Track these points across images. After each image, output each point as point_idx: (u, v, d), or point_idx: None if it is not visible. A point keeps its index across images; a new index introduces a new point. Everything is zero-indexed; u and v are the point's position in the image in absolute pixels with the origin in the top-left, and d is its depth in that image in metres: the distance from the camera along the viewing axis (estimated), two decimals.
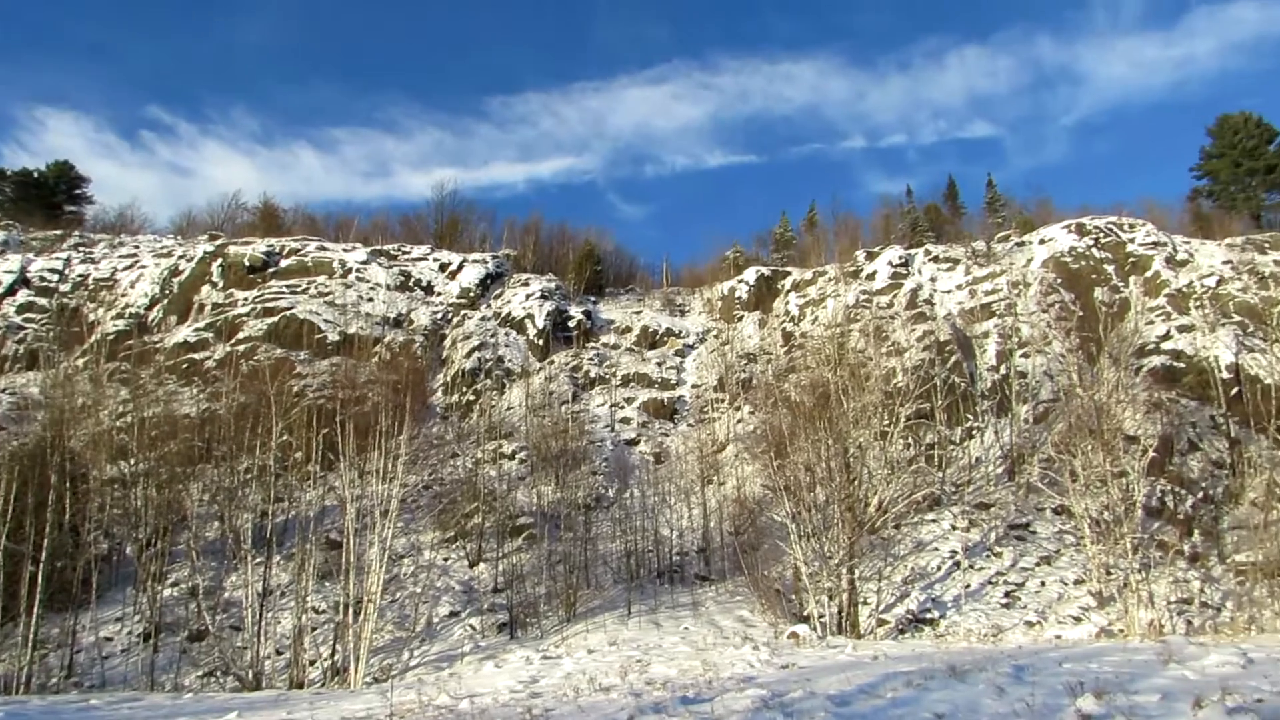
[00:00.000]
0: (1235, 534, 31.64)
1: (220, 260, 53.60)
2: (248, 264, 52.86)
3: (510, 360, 48.15)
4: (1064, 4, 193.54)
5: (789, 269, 56.65)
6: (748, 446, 39.44)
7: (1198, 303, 41.68)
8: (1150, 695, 9.11)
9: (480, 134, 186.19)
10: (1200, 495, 33.12)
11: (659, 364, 49.32)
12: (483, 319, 51.02)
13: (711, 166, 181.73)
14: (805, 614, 25.02)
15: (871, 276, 50.41)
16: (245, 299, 50.14)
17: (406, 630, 26.56)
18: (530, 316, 50.62)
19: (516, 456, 40.54)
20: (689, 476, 38.37)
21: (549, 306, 51.36)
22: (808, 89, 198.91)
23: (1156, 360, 38.76)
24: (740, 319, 53.26)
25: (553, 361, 48.72)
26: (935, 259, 50.79)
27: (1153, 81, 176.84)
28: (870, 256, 52.73)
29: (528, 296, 52.11)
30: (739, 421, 43.85)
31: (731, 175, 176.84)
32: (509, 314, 51.11)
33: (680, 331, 52.71)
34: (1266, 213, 56.57)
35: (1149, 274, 45.04)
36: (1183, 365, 38.31)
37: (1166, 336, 40.08)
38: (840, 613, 24.31)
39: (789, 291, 52.92)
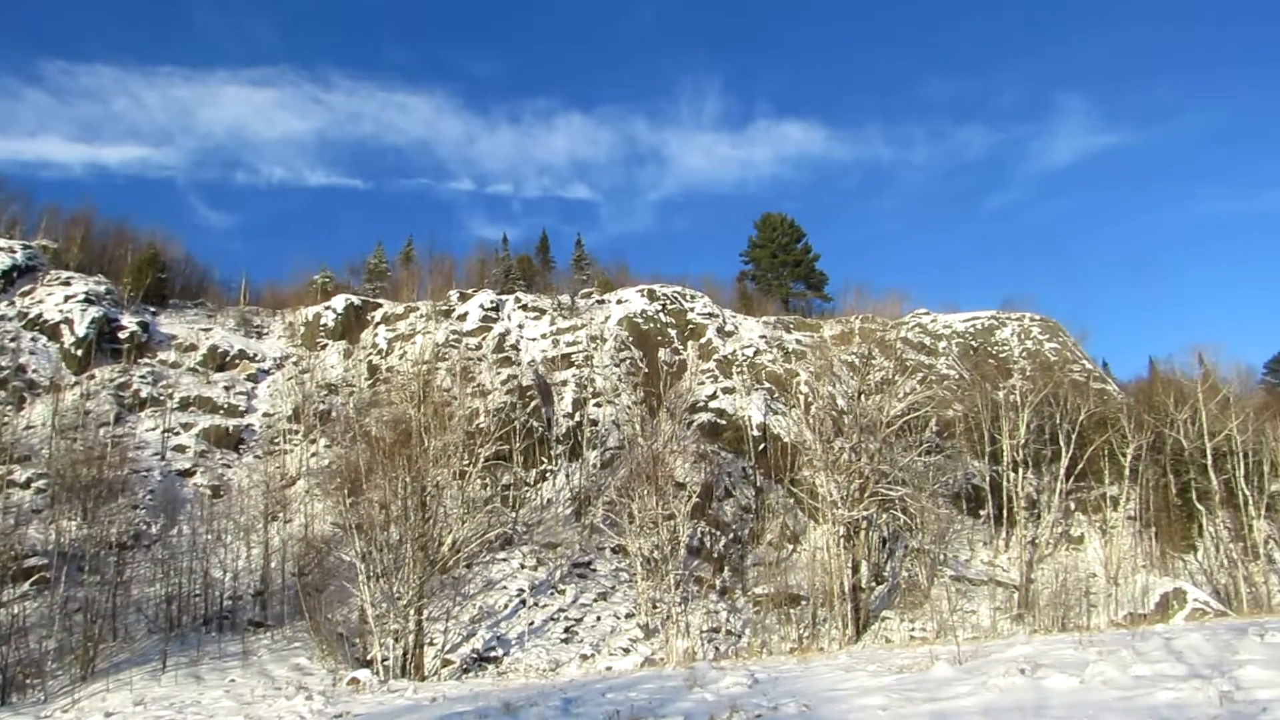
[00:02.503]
0: (756, 570, 36.88)
1: None
2: None
3: (36, 371, 40.74)
4: (656, 95, 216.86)
5: (380, 301, 55.38)
6: (321, 482, 37.44)
7: (739, 369, 48.38)
8: (675, 718, 10.16)
9: (29, 99, 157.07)
10: (731, 536, 38.11)
11: (227, 388, 45.02)
12: (2, 319, 42.70)
13: (312, 185, 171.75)
14: (369, 658, 24.17)
15: (463, 317, 51.15)
16: None
17: None
18: (68, 321, 43.32)
19: (33, 485, 34.22)
20: (251, 513, 35.31)
21: (95, 313, 44.38)
22: (422, 123, 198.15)
23: (704, 416, 44.11)
24: (324, 347, 50.74)
25: (93, 376, 42.09)
26: (525, 307, 53.06)
27: (723, 175, 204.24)
28: (464, 297, 53.56)
29: (67, 298, 44.60)
30: (313, 455, 41.49)
31: (333, 197, 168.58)
32: (39, 316, 43.33)
33: (256, 355, 48.73)
34: (793, 299, 67.76)
35: (703, 340, 51.44)
36: (724, 422, 44.04)
37: (713, 396, 45.85)
38: (406, 655, 23.85)
39: (379, 324, 51.71)
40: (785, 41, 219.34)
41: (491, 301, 52.51)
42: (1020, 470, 40.02)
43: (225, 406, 43.85)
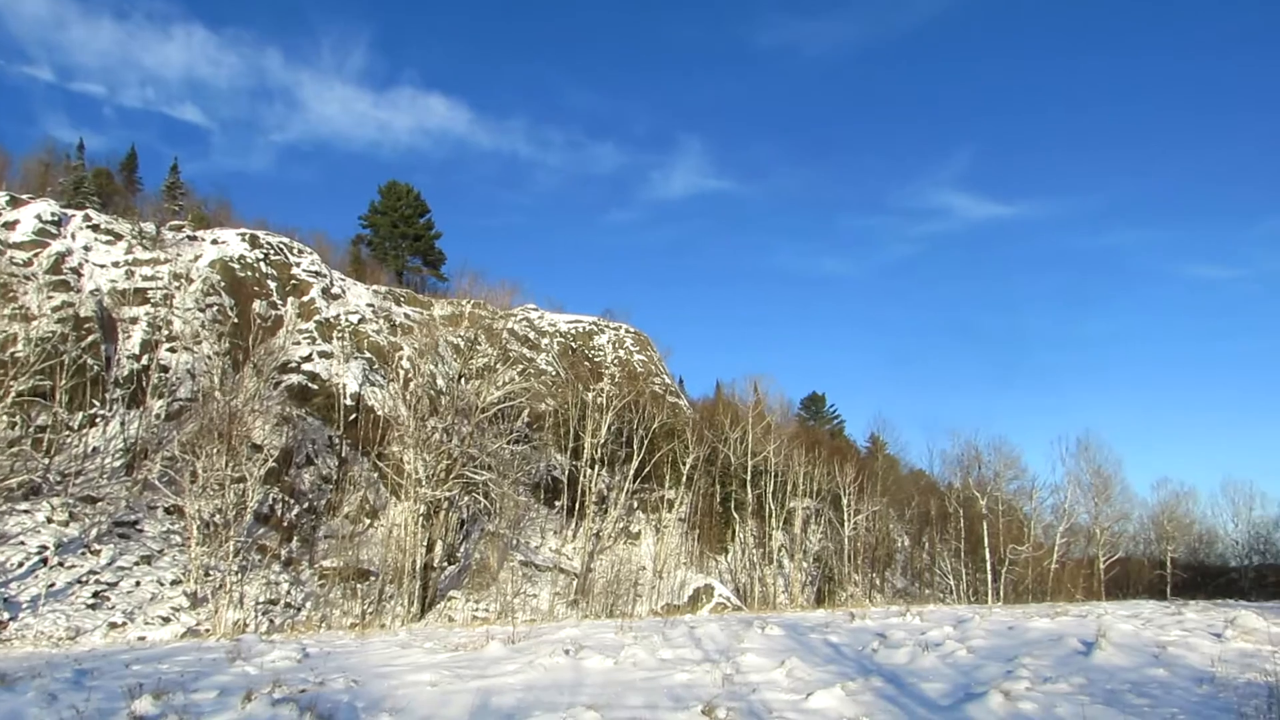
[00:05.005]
0: (327, 542, 35.72)
1: None
2: None
3: None
4: (297, 31, 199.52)
5: None
6: None
7: (340, 334, 46.51)
8: (209, 692, 9.67)
9: None
10: (306, 506, 36.53)
11: None
12: None
13: None
14: None
15: (11, 225, 42.94)
16: None
17: None
18: None
19: None
20: None
21: None
22: None
23: (295, 378, 41.79)
24: None
25: None
26: (96, 228, 45.99)
27: (358, 133, 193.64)
28: (15, 203, 44.99)
29: None
30: None
31: None
32: None
33: None
34: (408, 272, 66.64)
35: (305, 299, 48.60)
36: (316, 387, 42.08)
37: (308, 359, 43.59)
38: None
39: None
40: (441, 14, 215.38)
41: (53, 214, 44.75)
42: (596, 468, 43.42)
43: None
